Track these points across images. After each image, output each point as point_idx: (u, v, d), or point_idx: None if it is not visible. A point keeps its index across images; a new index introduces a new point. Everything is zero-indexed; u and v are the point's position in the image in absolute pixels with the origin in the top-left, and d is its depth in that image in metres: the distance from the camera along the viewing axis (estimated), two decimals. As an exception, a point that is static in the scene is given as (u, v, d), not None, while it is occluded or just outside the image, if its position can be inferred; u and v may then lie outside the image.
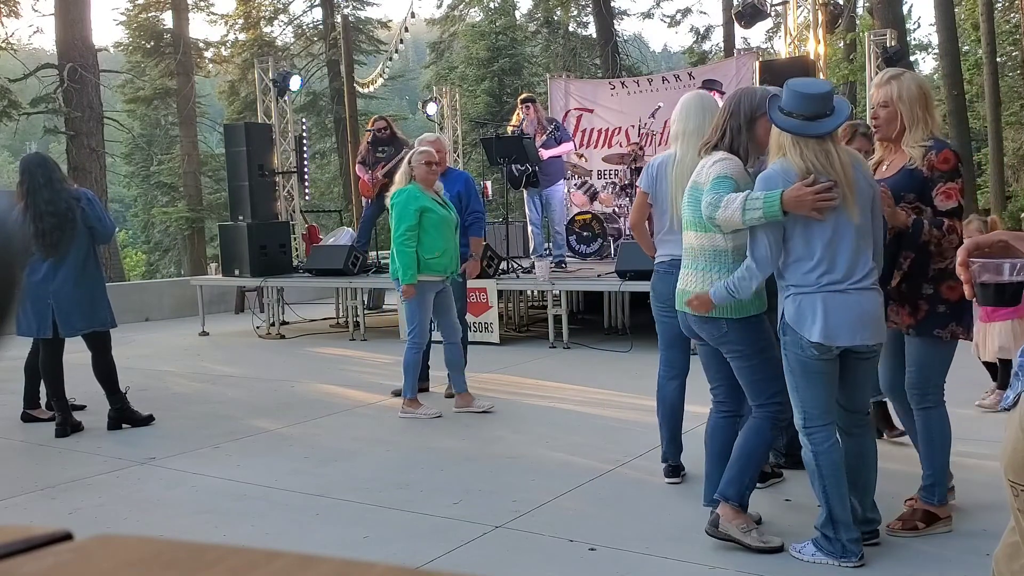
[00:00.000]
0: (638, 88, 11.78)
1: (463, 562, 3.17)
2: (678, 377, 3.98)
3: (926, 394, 3.25)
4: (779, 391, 3.15)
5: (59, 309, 5.14)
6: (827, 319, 2.88)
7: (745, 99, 3.22)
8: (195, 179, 23.52)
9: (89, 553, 0.42)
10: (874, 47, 10.04)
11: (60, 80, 15.97)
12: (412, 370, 5.48)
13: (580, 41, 26.75)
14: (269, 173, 10.12)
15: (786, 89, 2.94)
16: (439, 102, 13.30)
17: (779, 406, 3.19)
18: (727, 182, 3.04)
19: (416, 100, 25.49)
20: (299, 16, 27.05)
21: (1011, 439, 1.62)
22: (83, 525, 3.66)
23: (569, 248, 9.57)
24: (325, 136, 26.58)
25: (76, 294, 5.17)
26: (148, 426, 5.45)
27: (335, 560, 0.40)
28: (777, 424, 3.25)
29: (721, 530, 3.17)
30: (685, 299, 3.26)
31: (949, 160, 3.06)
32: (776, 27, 22.19)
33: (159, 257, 28.29)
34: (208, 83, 28.44)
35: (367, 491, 4.03)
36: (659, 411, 4.02)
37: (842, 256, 2.90)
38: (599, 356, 7.31)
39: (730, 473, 3.22)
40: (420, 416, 5.41)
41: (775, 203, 2.84)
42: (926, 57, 32.82)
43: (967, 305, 3.14)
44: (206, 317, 10.09)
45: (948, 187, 3.05)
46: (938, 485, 3.24)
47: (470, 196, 6.03)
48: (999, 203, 22.15)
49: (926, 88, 3.18)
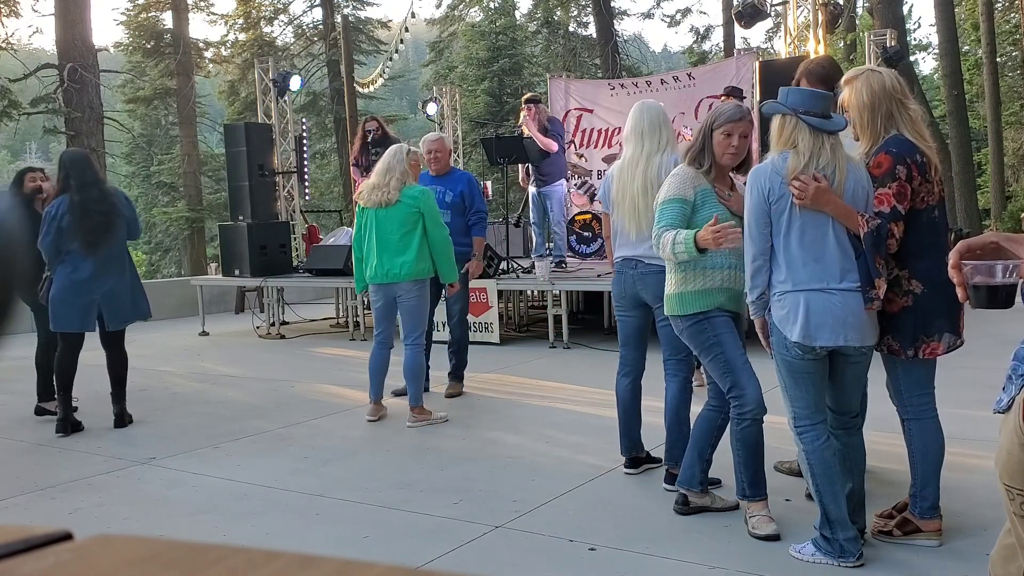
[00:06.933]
0: (638, 89, 11.77)
1: (463, 562, 3.17)
2: (630, 375, 4.15)
3: (902, 405, 3.21)
4: (731, 387, 3.37)
5: (107, 303, 5.26)
6: (808, 319, 2.93)
7: (709, 115, 3.54)
8: (195, 179, 23.52)
9: (89, 553, 0.42)
10: (874, 47, 10.04)
11: (60, 80, 15.95)
12: (420, 375, 5.35)
13: (580, 41, 26.73)
14: (269, 173, 10.12)
15: (798, 91, 3.05)
16: (439, 102, 13.30)
17: (736, 400, 3.37)
18: (671, 207, 3.36)
19: (416, 100, 25.47)
20: (299, 16, 27.07)
21: (1006, 444, 1.62)
22: (83, 525, 3.66)
23: (569, 248, 9.56)
24: (325, 136, 26.56)
25: (122, 287, 5.32)
26: (147, 426, 5.45)
27: (335, 560, 0.40)
28: (742, 418, 3.36)
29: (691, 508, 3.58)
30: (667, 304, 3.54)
31: (882, 164, 2.99)
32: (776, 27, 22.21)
33: (159, 257, 28.29)
34: (208, 83, 28.44)
35: (367, 491, 4.03)
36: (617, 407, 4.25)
37: (827, 258, 2.94)
38: (599, 356, 7.30)
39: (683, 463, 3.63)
40: (432, 422, 5.25)
41: (691, 243, 3.18)
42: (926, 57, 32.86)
43: (911, 318, 3.03)
44: (206, 317, 10.09)
45: (879, 192, 2.98)
46: (919, 498, 3.17)
47: (473, 196, 6.03)
48: (999, 203, 22.15)
49: (887, 91, 3.03)
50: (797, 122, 2.96)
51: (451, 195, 5.95)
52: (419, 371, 5.30)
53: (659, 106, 4.05)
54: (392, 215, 5.10)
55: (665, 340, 3.91)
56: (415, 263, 5.11)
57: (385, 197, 5.11)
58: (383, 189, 5.13)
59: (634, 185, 3.87)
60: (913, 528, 3.18)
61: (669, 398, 3.93)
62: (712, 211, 3.38)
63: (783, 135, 3.00)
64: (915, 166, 2.99)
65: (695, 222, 3.37)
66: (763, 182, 3.00)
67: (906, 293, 3.05)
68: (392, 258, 5.12)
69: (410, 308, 5.22)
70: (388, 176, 5.14)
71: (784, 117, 3.00)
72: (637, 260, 3.91)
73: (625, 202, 3.91)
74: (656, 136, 3.90)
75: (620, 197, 3.94)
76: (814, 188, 2.89)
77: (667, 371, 3.95)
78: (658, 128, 3.91)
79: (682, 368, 3.93)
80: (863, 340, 2.99)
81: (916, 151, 3.01)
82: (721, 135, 3.40)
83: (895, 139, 3.03)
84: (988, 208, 22.52)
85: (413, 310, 5.22)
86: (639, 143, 3.92)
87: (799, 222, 2.95)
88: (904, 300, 3.05)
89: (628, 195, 3.89)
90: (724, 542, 3.28)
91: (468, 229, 6.03)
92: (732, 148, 3.41)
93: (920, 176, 3.00)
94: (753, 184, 3.03)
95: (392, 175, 5.13)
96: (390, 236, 5.11)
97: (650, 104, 4.04)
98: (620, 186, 3.95)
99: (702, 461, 3.58)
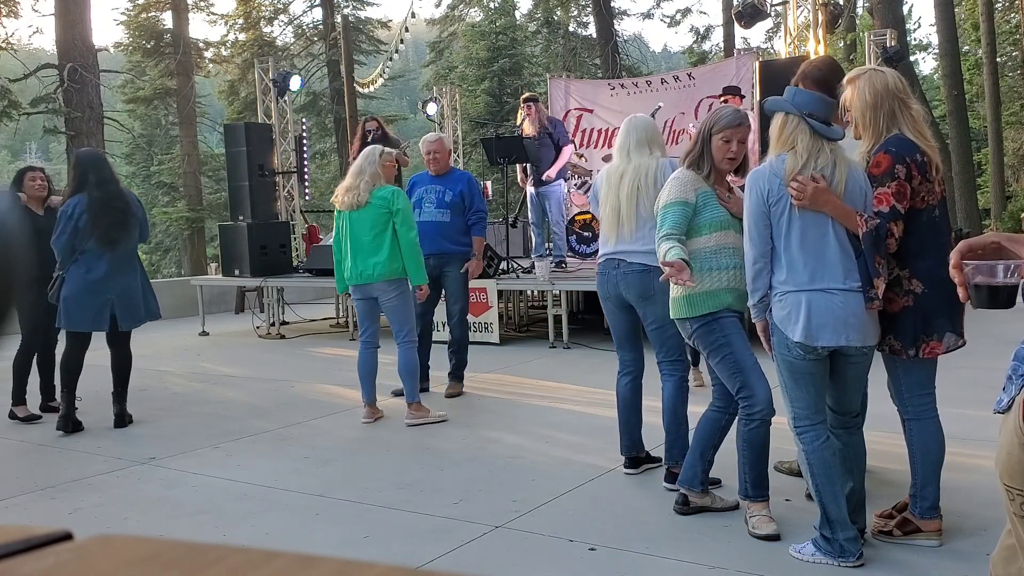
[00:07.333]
0: (637, 88, 11.78)
1: (463, 562, 3.17)
2: (631, 374, 4.16)
3: (903, 405, 3.21)
4: (741, 387, 3.36)
5: (121, 303, 5.29)
6: (809, 319, 2.93)
7: (708, 119, 3.53)
8: (195, 179, 23.51)
9: (89, 553, 0.42)
10: (874, 47, 10.04)
11: (60, 80, 15.95)
12: (415, 372, 5.39)
13: (580, 41, 26.74)
14: (269, 173, 10.12)
15: (807, 92, 3.05)
16: (439, 102, 13.30)
17: (745, 401, 3.36)
18: (673, 209, 3.38)
19: (416, 100, 25.47)
20: (299, 16, 27.07)
21: (1006, 444, 1.62)
22: (83, 525, 3.66)
23: (569, 248, 9.56)
24: (325, 136, 26.56)
25: (134, 287, 5.36)
26: (147, 426, 5.46)
27: (335, 560, 0.40)
28: (751, 419, 3.35)
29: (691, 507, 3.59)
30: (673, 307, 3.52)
31: (881, 164, 2.98)
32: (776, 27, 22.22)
33: (159, 257, 28.29)
34: (208, 83, 28.43)
35: (367, 491, 4.03)
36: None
37: (828, 259, 2.94)
38: (599, 356, 7.30)
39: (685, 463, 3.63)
40: (430, 420, 5.29)
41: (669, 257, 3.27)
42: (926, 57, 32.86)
43: (912, 318, 3.02)
44: (206, 317, 10.10)
45: (879, 192, 2.98)
46: (919, 498, 3.17)
47: (473, 196, 6.03)
48: (999, 203, 22.15)
49: (889, 90, 3.03)
50: (799, 122, 2.96)
51: (451, 195, 5.95)
52: (413, 369, 5.34)
53: (649, 121, 4.08)
54: (363, 217, 5.17)
55: (658, 343, 3.92)
56: (387, 263, 5.15)
57: (356, 199, 5.17)
58: (354, 191, 5.20)
59: (620, 186, 3.90)
60: (913, 528, 3.18)
61: (666, 397, 3.94)
62: (713, 213, 3.39)
63: (783, 134, 3.00)
64: (915, 165, 2.98)
65: (697, 224, 3.39)
66: (762, 184, 3.00)
67: (907, 293, 3.04)
68: (365, 259, 5.18)
69: (392, 308, 5.26)
70: (359, 178, 5.21)
71: (787, 116, 2.99)
72: (619, 260, 3.93)
73: (609, 203, 3.94)
74: (644, 151, 3.94)
75: (605, 198, 3.97)
76: (812, 189, 2.89)
77: (662, 372, 3.96)
78: (646, 144, 3.95)
79: (677, 368, 3.94)
80: (864, 340, 2.99)
81: (916, 150, 3.00)
82: (720, 140, 3.42)
83: (895, 138, 3.02)
84: (988, 208, 22.52)
85: (395, 310, 5.26)
86: (626, 158, 3.97)
87: (799, 223, 2.95)
88: (905, 300, 3.05)
89: (613, 197, 3.92)
90: (724, 542, 3.28)
91: (468, 229, 6.03)
92: (731, 153, 3.43)
93: (920, 175, 2.99)
94: (752, 186, 3.03)
95: (362, 177, 5.20)
96: (363, 237, 5.17)
97: (638, 121, 4.05)
98: (607, 188, 3.98)
99: (703, 461, 3.58)
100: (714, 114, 3.53)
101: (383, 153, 5.30)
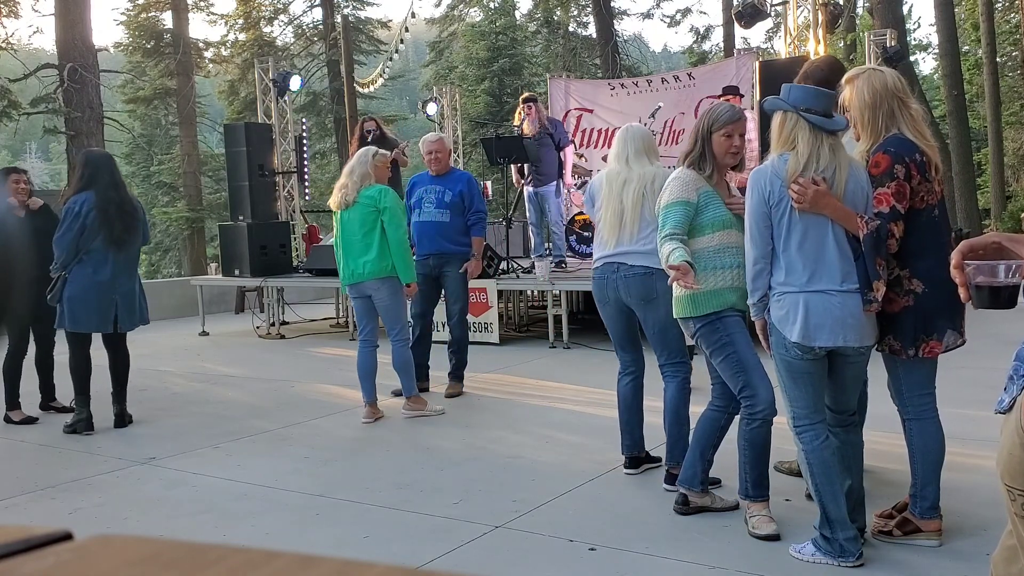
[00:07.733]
0: (637, 88, 11.78)
1: (463, 562, 3.17)
2: (632, 374, 4.16)
3: (903, 405, 3.21)
4: (743, 387, 3.35)
5: (123, 305, 5.30)
6: (807, 320, 2.93)
7: (706, 115, 3.50)
8: (195, 179, 23.52)
9: (89, 553, 0.42)
10: (874, 47, 10.04)
11: (60, 80, 15.95)
12: (409, 368, 5.47)
13: (580, 41, 26.74)
14: (269, 173, 10.12)
15: (802, 88, 3.04)
16: (439, 102, 13.31)
17: (748, 401, 3.36)
18: (675, 209, 3.37)
19: (416, 100, 25.49)
20: (299, 16, 27.06)
21: (1007, 444, 1.62)
22: (83, 525, 3.66)
23: (569, 248, 9.56)
24: (325, 136, 26.57)
25: (135, 290, 5.39)
26: (147, 426, 5.46)
27: (335, 560, 0.40)
28: (752, 418, 3.35)
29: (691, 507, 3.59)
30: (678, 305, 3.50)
31: (880, 164, 2.98)
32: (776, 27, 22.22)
33: (159, 257, 28.28)
34: (208, 83, 28.44)
35: (367, 491, 4.03)
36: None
37: (827, 261, 2.94)
38: (599, 356, 7.29)
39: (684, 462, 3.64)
40: (426, 413, 5.39)
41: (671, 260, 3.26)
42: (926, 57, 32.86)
43: (912, 318, 3.02)
44: (206, 317, 10.10)
45: (878, 192, 2.97)
46: (919, 498, 3.17)
47: (472, 196, 6.03)
48: (999, 203, 22.15)
49: (888, 89, 3.02)
50: (798, 119, 2.96)
51: (450, 195, 5.95)
52: (407, 364, 5.42)
53: (646, 132, 4.08)
54: (353, 216, 5.24)
55: (659, 345, 3.91)
56: (377, 261, 5.21)
57: (345, 199, 5.26)
58: (343, 191, 5.29)
59: (625, 191, 3.88)
60: (913, 528, 3.18)
61: (668, 398, 3.93)
62: (716, 213, 3.39)
63: (783, 133, 3.00)
64: (914, 165, 2.98)
65: (700, 224, 3.38)
66: (763, 185, 2.99)
67: (907, 293, 3.04)
68: (356, 258, 5.25)
69: (384, 307, 5.33)
70: (349, 178, 5.29)
71: (785, 114, 2.99)
72: (619, 263, 3.90)
73: (611, 206, 3.91)
74: (643, 160, 3.93)
75: (606, 201, 3.95)
76: (813, 192, 2.88)
77: (665, 374, 3.95)
78: (644, 155, 3.94)
79: (680, 370, 3.93)
80: (862, 340, 2.99)
81: (916, 150, 3.00)
82: (722, 136, 3.41)
83: (894, 138, 3.02)
84: (988, 208, 22.52)
85: (388, 308, 5.33)
86: (626, 166, 3.95)
87: (799, 225, 2.95)
88: (905, 300, 3.04)
89: (615, 200, 3.90)
90: (724, 542, 3.28)
91: (467, 229, 6.03)
92: (734, 148, 3.43)
93: (920, 175, 2.99)
94: (754, 187, 3.02)
95: (352, 177, 5.27)
96: (353, 236, 5.25)
97: (635, 131, 4.04)
98: (608, 191, 3.96)
99: (703, 461, 3.58)
100: (710, 112, 3.52)
101: (376, 154, 5.36)
